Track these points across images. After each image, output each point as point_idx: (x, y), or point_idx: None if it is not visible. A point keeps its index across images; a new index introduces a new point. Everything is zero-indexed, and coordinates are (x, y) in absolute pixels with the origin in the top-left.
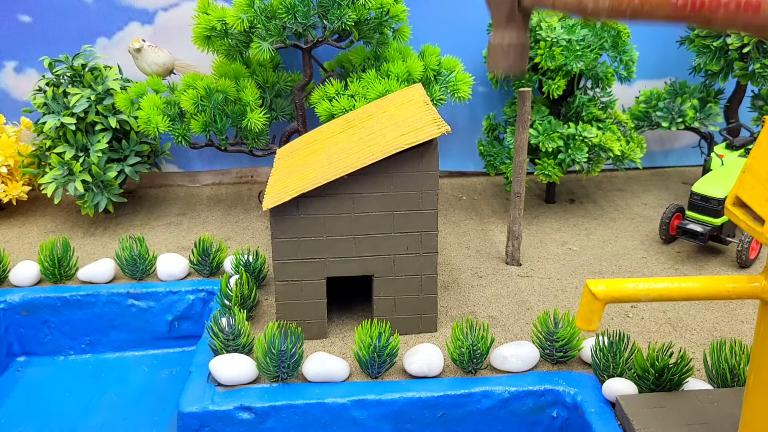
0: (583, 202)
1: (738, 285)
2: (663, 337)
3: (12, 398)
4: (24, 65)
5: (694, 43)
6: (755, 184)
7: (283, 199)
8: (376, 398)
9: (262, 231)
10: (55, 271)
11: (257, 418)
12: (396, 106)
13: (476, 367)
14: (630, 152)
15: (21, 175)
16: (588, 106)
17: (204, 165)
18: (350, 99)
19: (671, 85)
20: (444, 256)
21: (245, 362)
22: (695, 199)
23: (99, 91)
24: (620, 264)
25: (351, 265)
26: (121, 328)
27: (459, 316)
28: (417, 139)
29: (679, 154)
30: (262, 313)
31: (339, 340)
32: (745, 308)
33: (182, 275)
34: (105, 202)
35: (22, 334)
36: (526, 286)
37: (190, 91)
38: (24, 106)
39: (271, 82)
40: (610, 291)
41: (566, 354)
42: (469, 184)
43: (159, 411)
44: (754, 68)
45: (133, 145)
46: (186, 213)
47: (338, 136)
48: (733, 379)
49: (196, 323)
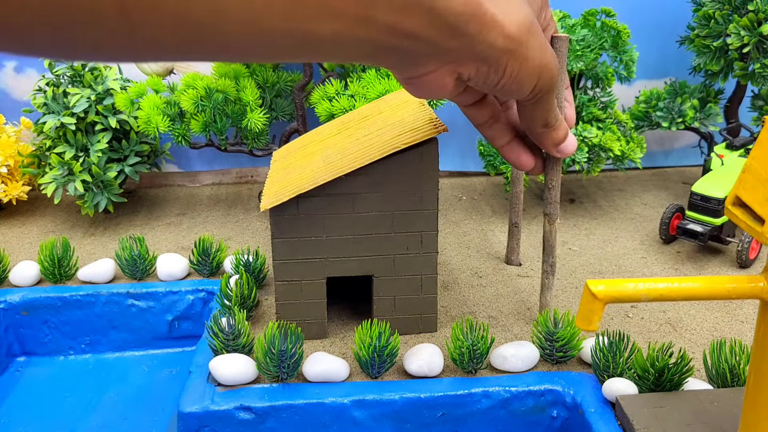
0: (583, 202)
1: (738, 285)
2: (663, 337)
3: (12, 398)
4: (24, 65)
5: (694, 43)
6: (755, 184)
7: (281, 199)
8: (376, 398)
9: (262, 231)
10: (55, 271)
11: (257, 418)
12: (392, 108)
13: (476, 367)
14: (630, 152)
15: (21, 175)
16: (588, 106)
17: (204, 165)
18: (350, 99)
19: (671, 85)
20: (444, 256)
21: (245, 362)
22: (695, 199)
23: (99, 91)
24: (620, 264)
25: (351, 265)
26: (121, 328)
27: (459, 316)
28: (414, 139)
29: (679, 154)
30: (262, 313)
31: (339, 340)
32: (745, 308)
33: (182, 275)
34: (105, 202)
35: (22, 334)
36: (526, 286)
37: (190, 91)
38: (24, 106)
39: (271, 82)
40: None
41: (566, 354)
42: (469, 184)
43: (159, 411)
44: (754, 68)
45: (133, 145)
46: (186, 213)
47: (335, 138)
48: (733, 379)
49: (196, 323)
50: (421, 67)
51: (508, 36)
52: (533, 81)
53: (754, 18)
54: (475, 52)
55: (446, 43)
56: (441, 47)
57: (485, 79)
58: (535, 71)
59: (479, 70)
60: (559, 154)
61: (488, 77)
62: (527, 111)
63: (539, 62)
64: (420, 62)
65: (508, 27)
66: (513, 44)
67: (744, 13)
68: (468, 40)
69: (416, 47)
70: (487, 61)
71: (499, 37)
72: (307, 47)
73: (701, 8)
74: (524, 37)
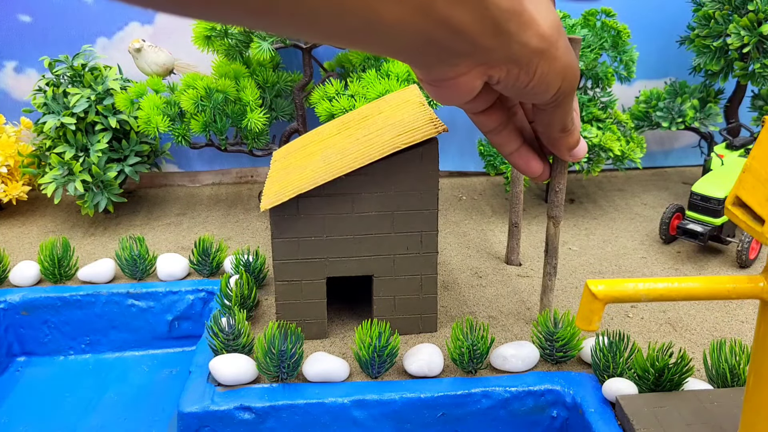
0: (583, 202)
1: (738, 285)
2: (663, 337)
3: (12, 398)
4: (24, 65)
5: (694, 43)
6: (755, 184)
7: (281, 199)
8: (376, 398)
9: (262, 231)
10: (55, 271)
11: (257, 417)
12: (392, 108)
13: (476, 367)
14: (630, 152)
15: (21, 175)
16: (588, 106)
17: (204, 165)
18: (350, 99)
19: (671, 85)
20: (444, 256)
21: (245, 362)
22: (695, 199)
23: (99, 91)
24: (620, 264)
25: (351, 265)
26: (121, 328)
27: (459, 316)
28: (414, 139)
29: (679, 154)
30: (262, 313)
31: (339, 340)
32: (745, 308)
33: (182, 275)
34: (105, 202)
35: (22, 334)
36: (526, 286)
37: (190, 91)
38: (24, 106)
39: (271, 82)
40: (610, 291)
41: (566, 354)
42: (469, 184)
43: (159, 411)
44: (754, 68)
45: (133, 145)
46: (186, 213)
47: (335, 138)
48: (733, 379)
49: (196, 323)
50: (456, 68)
51: (542, 36)
52: (559, 82)
53: (754, 18)
54: (509, 52)
55: (486, 41)
56: (479, 46)
57: (515, 81)
58: (561, 72)
59: (510, 72)
60: (572, 158)
61: (519, 79)
62: (546, 115)
63: (566, 62)
64: (456, 62)
65: (542, 26)
66: (545, 44)
67: (744, 13)
68: (506, 39)
69: (458, 45)
70: (518, 62)
71: (534, 37)
72: (369, 31)
73: (701, 8)
74: (555, 36)
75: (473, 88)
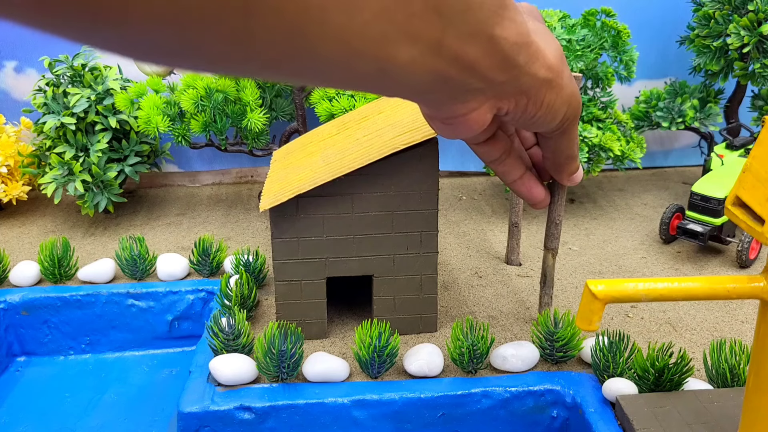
0: (583, 202)
1: (738, 285)
2: (663, 337)
3: (12, 398)
4: (24, 65)
5: (694, 43)
6: (755, 184)
7: (281, 200)
8: (376, 398)
9: (262, 231)
10: (55, 271)
11: (257, 418)
12: (391, 108)
13: (476, 367)
14: (630, 152)
15: (21, 175)
16: (588, 106)
17: (204, 165)
18: (350, 99)
19: (671, 85)
20: (444, 256)
21: (245, 362)
22: (695, 199)
23: (99, 91)
24: (620, 264)
25: (351, 265)
26: (121, 328)
27: (459, 316)
28: (413, 139)
29: (679, 154)
30: (262, 313)
31: (339, 340)
32: (745, 308)
33: (182, 275)
34: (105, 202)
35: (22, 334)
36: (526, 286)
37: (190, 91)
38: (24, 106)
39: (271, 83)
40: (610, 291)
41: (566, 354)
42: (469, 184)
43: (159, 411)
44: (754, 68)
45: (133, 145)
46: (186, 213)
47: (335, 138)
48: (733, 379)
49: (196, 323)
50: (467, 104)
51: (549, 66)
52: (564, 110)
53: (754, 18)
54: (518, 84)
55: (497, 75)
56: (491, 80)
57: (523, 112)
58: (567, 100)
59: (518, 103)
60: (570, 182)
61: (527, 110)
62: (553, 143)
63: (571, 91)
64: (467, 98)
65: (549, 57)
66: (552, 74)
67: (744, 13)
68: (516, 72)
69: (470, 80)
70: (527, 93)
71: (542, 68)
72: (381, 75)
73: (701, 8)
74: (561, 66)
75: (484, 122)
